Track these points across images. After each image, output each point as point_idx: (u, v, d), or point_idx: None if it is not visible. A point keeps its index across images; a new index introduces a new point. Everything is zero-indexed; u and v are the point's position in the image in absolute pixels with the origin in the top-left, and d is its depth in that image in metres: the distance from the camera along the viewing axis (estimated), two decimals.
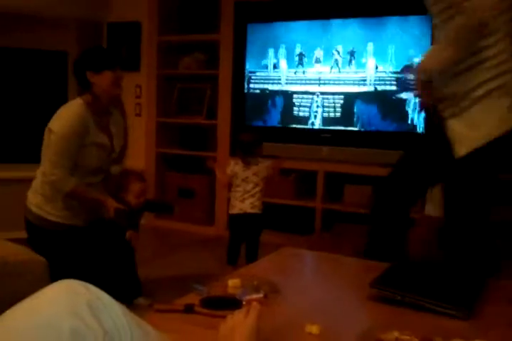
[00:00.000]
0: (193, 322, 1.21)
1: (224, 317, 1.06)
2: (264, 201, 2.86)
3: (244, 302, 1.29)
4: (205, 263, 3.20)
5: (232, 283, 1.42)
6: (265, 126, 3.71)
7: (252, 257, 2.73)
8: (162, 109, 4.10)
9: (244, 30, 3.70)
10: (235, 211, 2.81)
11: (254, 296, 1.33)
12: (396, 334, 1.11)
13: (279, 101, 3.67)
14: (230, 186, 2.87)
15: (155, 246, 3.59)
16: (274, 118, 3.70)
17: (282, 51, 3.62)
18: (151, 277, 2.75)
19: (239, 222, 2.82)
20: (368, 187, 3.43)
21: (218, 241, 3.67)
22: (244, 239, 2.85)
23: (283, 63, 3.63)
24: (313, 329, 1.13)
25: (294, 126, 3.63)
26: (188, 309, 1.25)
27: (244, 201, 2.77)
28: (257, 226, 2.84)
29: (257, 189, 2.78)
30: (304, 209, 3.61)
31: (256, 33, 3.68)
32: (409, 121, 3.30)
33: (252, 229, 2.83)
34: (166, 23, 4.01)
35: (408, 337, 1.11)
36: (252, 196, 2.79)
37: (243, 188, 2.78)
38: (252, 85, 3.74)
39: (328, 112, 3.53)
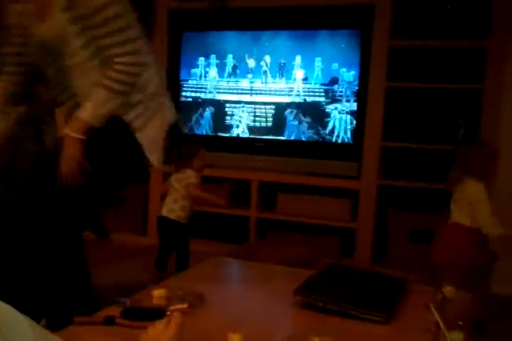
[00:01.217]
0: (113, 334, 1.18)
1: (145, 328, 1.04)
2: (198, 210, 2.86)
3: (168, 313, 1.27)
4: (138, 274, 3.13)
5: (157, 294, 1.40)
6: (199, 134, 3.71)
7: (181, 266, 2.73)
8: None
9: (179, 39, 3.69)
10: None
11: (179, 306, 1.31)
12: (316, 340, 1.13)
13: (212, 110, 3.68)
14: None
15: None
16: (208, 127, 3.70)
17: (213, 60, 3.64)
18: None
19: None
20: (301, 196, 3.49)
21: (152, 251, 3.61)
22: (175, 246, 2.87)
23: (213, 72, 3.65)
24: (235, 338, 1.13)
25: (227, 135, 3.65)
26: (109, 321, 1.22)
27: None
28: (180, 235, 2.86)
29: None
30: (238, 218, 3.62)
31: (190, 42, 3.69)
32: (336, 132, 3.38)
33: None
34: None
35: None
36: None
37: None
38: (184, 93, 3.73)
39: (260, 122, 3.57)
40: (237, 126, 3.62)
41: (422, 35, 3.18)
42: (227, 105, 3.63)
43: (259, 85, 3.54)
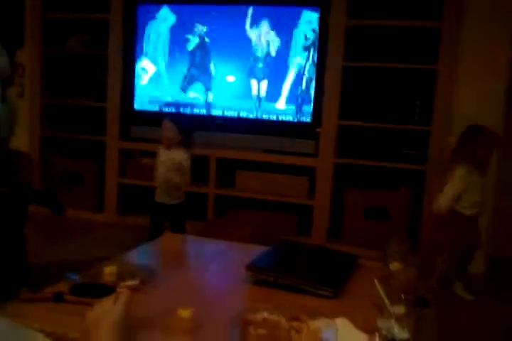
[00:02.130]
0: (61, 310, 1.17)
1: (93, 304, 1.04)
2: (151, 186, 2.93)
3: (119, 289, 1.26)
4: (94, 251, 3.11)
5: (108, 270, 1.39)
6: (158, 111, 3.66)
7: None
8: (47, 90, 3.88)
9: (135, 11, 3.60)
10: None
11: (129, 283, 1.30)
12: (265, 314, 1.15)
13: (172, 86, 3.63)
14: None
15: (41, 234, 3.41)
16: (167, 103, 3.65)
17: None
18: (38, 266, 2.62)
19: None
20: (259, 173, 3.51)
21: (108, 228, 3.58)
22: None
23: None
24: (185, 313, 1.14)
25: (187, 111, 3.61)
26: (57, 297, 1.21)
27: None
28: None
29: None
30: (196, 195, 3.60)
31: (147, 14, 3.61)
32: (299, 109, 3.39)
33: None
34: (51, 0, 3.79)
35: (276, 317, 1.15)
36: None
37: None
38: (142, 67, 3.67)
39: (220, 99, 3.55)
40: (198, 104, 3.59)
41: (379, 15, 3.20)
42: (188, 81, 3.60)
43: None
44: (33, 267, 2.54)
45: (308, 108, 3.36)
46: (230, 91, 3.52)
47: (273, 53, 3.39)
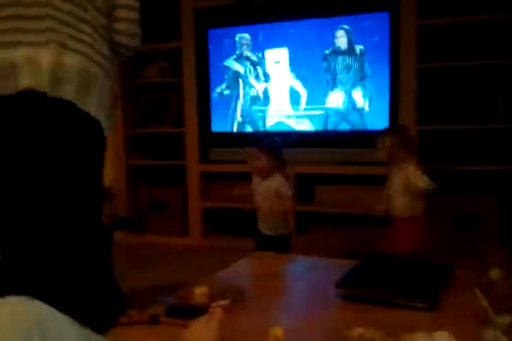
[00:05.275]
0: (158, 332, 1.19)
1: (188, 325, 1.05)
2: (233, 207, 2.87)
3: (210, 310, 1.27)
4: (182, 274, 3.16)
5: (199, 291, 1.41)
6: (232, 131, 3.72)
7: None
8: (127, 120, 4.05)
9: (206, 36, 3.71)
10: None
11: (221, 303, 1.32)
12: (360, 330, 1.11)
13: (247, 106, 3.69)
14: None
15: (129, 261, 3.53)
16: (241, 124, 3.71)
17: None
18: (126, 292, 2.70)
19: None
20: (338, 187, 3.46)
21: (194, 251, 3.64)
22: None
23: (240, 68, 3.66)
24: (277, 332, 1.12)
25: (260, 130, 3.65)
26: (153, 320, 1.23)
27: None
28: None
29: None
30: None
31: (218, 38, 3.70)
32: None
33: None
34: None
35: (372, 333, 1.11)
36: None
37: None
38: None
39: (296, 115, 3.56)
40: (272, 120, 3.62)
41: (449, 12, 3.10)
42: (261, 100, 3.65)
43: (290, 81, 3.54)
44: (126, 294, 2.61)
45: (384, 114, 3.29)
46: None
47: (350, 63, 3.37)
